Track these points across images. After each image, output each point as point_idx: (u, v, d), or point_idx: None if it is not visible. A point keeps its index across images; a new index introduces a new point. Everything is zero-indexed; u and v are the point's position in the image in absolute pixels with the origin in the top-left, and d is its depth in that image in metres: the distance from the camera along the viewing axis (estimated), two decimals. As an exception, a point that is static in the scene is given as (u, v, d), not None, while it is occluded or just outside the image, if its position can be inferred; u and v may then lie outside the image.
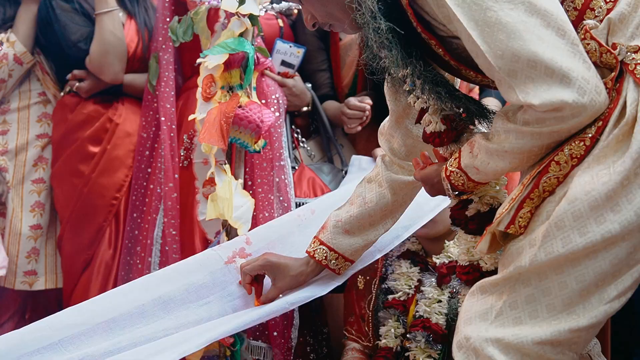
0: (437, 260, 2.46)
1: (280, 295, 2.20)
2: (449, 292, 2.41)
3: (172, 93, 2.97)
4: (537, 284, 1.57)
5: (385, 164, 2.17)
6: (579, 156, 1.58)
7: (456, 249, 2.43)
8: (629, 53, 1.56)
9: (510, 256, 1.63)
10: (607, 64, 1.59)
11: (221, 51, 2.52)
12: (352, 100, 2.97)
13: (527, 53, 1.51)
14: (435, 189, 1.92)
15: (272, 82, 2.91)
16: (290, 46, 3.02)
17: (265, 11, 2.69)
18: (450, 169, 1.80)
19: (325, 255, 2.19)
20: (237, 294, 2.23)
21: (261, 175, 2.78)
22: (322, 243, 2.19)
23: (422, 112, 1.91)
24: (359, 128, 2.98)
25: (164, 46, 2.97)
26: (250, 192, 2.75)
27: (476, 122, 1.85)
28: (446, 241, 2.46)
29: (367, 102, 2.92)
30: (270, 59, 2.85)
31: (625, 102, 1.54)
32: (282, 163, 2.80)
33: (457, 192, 1.85)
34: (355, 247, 2.20)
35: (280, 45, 3.01)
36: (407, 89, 1.84)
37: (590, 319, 1.54)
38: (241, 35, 2.55)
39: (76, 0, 3.02)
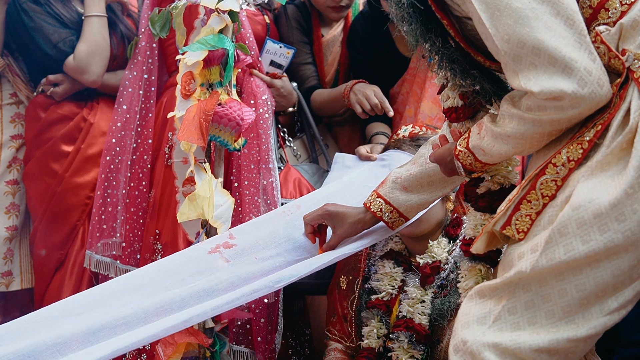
0: (421, 260, 2.45)
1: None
2: (433, 293, 2.40)
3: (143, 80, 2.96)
4: (537, 289, 1.56)
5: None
6: (576, 159, 1.59)
7: (440, 249, 2.43)
8: (636, 60, 1.57)
9: (511, 261, 1.62)
10: (614, 68, 1.59)
11: (200, 48, 2.46)
12: (384, 98, 2.90)
13: (533, 40, 1.53)
14: (448, 169, 1.94)
15: (261, 83, 2.88)
16: (280, 46, 2.99)
17: (247, 4, 2.65)
18: (460, 148, 1.82)
19: (380, 207, 2.21)
20: (222, 279, 2.19)
21: (248, 178, 2.76)
22: (379, 196, 2.22)
23: (443, 87, 1.95)
24: (363, 116, 2.94)
25: (143, 30, 2.95)
26: (237, 194, 2.72)
27: (493, 101, 1.87)
28: (430, 241, 2.45)
29: (389, 111, 2.87)
30: (250, 56, 2.80)
31: (629, 109, 1.55)
32: (270, 166, 2.78)
33: (468, 171, 1.87)
34: (411, 204, 2.20)
35: (270, 45, 2.97)
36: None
37: (589, 330, 1.54)
38: (221, 31, 2.50)
39: (46, 4, 2.99)
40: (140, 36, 2.94)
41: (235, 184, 2.79)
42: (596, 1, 1.64)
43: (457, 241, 2.43)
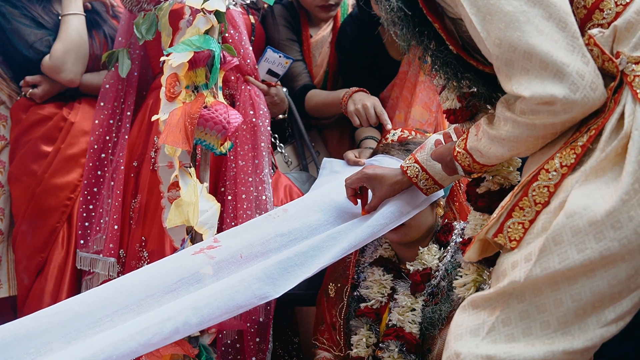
0: (411, 267, 2.40)
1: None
2: (423, 301, 2.35)
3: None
4: (532, 299, 1.53)
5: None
6: (569, 165, 1.56)
7: (430, 256, 2.38)
8: (629, 64, 1.54)
9: (504, 270, 1.59)
10: (608, 71, 1.57)
11: (186, 49, 2.41)
12: (383, 111, 2.83)
13: (524, 45, 1.51)
14: (449, 168, 1.97)
15: (260, 92, 2.83)
16: (280, 56, 2.96)
17: (235, 4, 2.61)
18: (458, 149, 1.83)
19: (416, 173, 2.24)
20: (206, 281, 2.15)
21: (244, 191, 2.71)
22: (416, 161, 2.24)
23: (443, 88, 1.96)
24: (359, 126, 2.89)
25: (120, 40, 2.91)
26: (230, 207, 2.68)
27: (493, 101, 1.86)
28: (420, 247, 2.40)
29: (388, 123, 2.80)
30: (237, 59, 2.76)
31: (623, 113, 1.52)
32: (263, 178, 2.74)
33: (467, 172, 1.88)
34: (446, 174, 2.19)
35: (270, 54, 2.94)
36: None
37: (586, 342, 1.50)
38: (207, 32, 2.46)
39: (24, 7, 2.96)
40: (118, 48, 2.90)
41: (229, 197, 2.73)
42: (591, 2, 1.62)
43: (448, 247, 2.38)
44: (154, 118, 2.48)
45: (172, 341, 2.02)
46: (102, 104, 2.92)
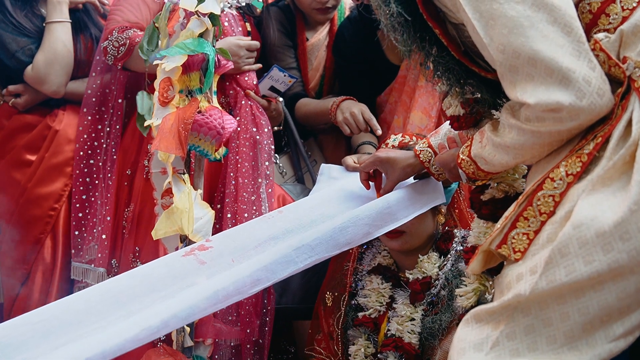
0: (410, 275, 2.36)
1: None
2: (423, 310, 2.31)
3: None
4: (538, 313, 1.49)
5: None
6: (575, 173, 1.53)
7: (430, 264, 2.33)
8: (636, 69, 1.50)
9: (509, 283, 1.54)
10: (615, 77, 1.53)
11: (180, 52, 2.36)
12: (371, 117, 2.85)
13: (528, 50, 1.48)
14: (453, 174, 1.95)
15: (262, 110, 2.80)
16: (285, 75, 2.93)
17: (230, 6, 2.56)
18: (462, 156, 1.81)
19: (429, 158, 2.22)
20: (197, 284, 2.10)
21: (246, 210, 2.67)
22: (430, 145, 2.23)
23: (447, 94, 1.94)
24: (350, 135, 2.92)
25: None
26: (230, 225, 2.64)
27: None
28: (420, 255, 2.35)
29: (377, 129, 2.83)
30: (244, 81, 2.74)
31: (630, 120, 1.48)
32: (262, 196, 2.70)
33: (472, 179, 1.86)
34: None
35: (275, 72, 2.91)
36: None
37: (594, 357, 1.45)
38: (201, 35, 2.41)
39: (6, 13, 2.87)
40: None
41: (229, 215, 2.69)
42: (596, 6, 1.58)
43: (448, 256, 2.34)
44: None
45: (161, 334, 1.96)
46: (84, 110, 2.86)
